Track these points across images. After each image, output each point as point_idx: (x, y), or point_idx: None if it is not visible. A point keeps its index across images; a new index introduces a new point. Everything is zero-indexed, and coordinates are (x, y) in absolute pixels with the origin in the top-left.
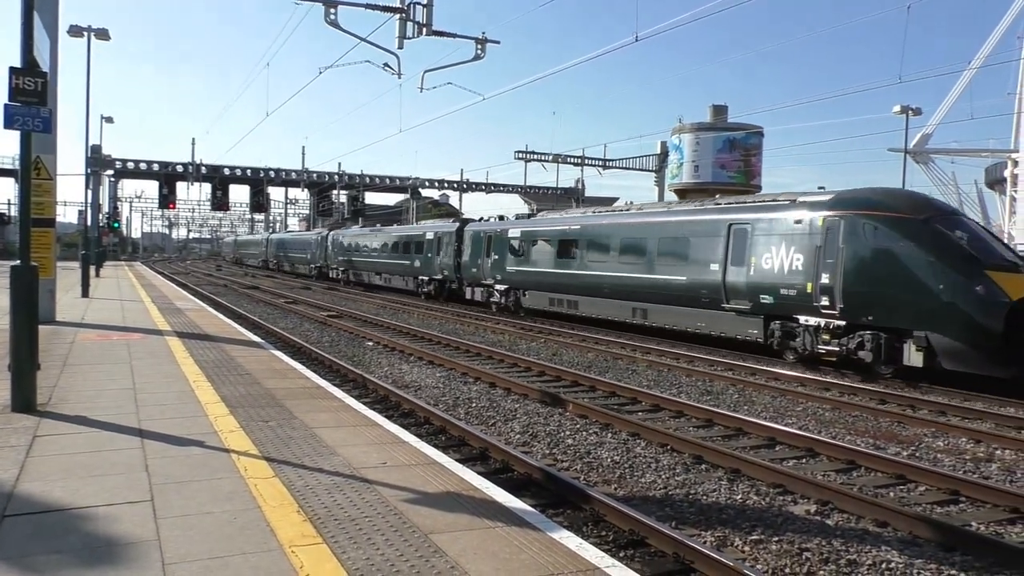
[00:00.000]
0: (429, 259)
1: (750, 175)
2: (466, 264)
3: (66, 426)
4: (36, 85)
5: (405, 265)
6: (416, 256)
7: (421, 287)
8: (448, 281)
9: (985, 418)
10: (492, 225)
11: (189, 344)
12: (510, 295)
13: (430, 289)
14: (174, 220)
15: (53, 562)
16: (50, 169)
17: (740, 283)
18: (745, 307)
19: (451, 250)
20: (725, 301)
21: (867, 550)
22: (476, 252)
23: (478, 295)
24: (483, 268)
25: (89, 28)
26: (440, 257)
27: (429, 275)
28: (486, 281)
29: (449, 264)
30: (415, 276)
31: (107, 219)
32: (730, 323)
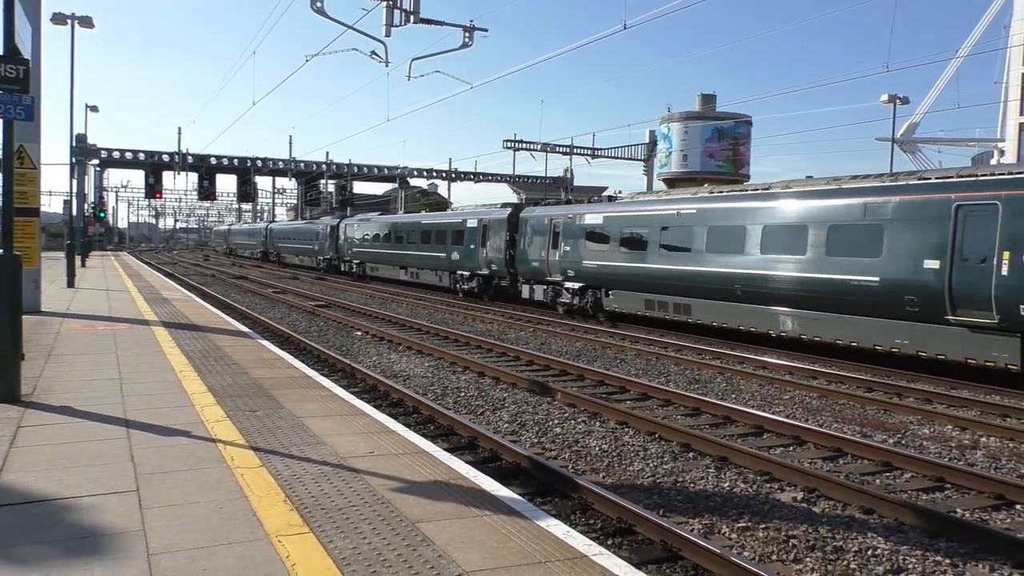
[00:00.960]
0: (471, 251)
1: (738, 164)
2: (523, 256)
3: (51, 417)
4: (18, 72)
5: (439, 258)
6: (454, 247)
7: (459, 283)
8: (496, 277)
9: (970, 406)
10: (561, 209)
11: (176, 334)
12: (586, 295)
13: (472, 286)
14: (161, 210)
15: (37, 553)
16: (34, 158)
17: (980, 286)
18: (989, 321)
19: (501, 240)
20: (950, 311)
21: (853, 537)
22: (538, 242)
23: (538, 293)
24: (548, 262)
25: (73, 16)
26: (486, 249)
27: (471, 269)
28: (553, 277)
29: (498, 257)
30: (452, 271)
31: (93, 209)
32: (958, 342)
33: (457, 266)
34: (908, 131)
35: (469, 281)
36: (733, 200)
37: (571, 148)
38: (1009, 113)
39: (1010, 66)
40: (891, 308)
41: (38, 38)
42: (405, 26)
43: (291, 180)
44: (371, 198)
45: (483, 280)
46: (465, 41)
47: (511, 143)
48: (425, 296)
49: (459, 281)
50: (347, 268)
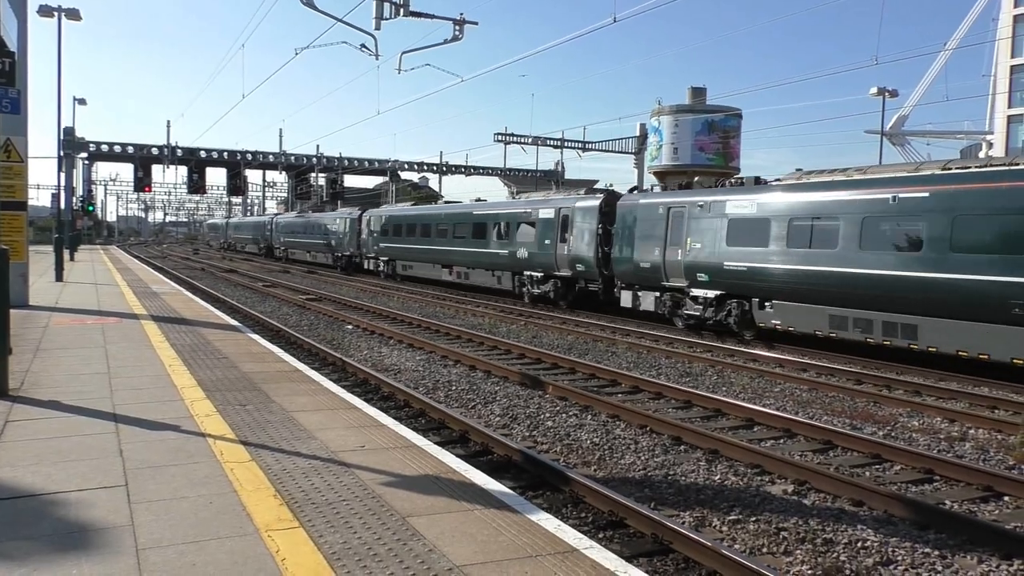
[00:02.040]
0: (546, 247)
1: (728, 157)
2: (623, 255)
3: (39, 411)
4: (3, 65)
5: (498, 256)
6: (521, 243)
7: (528, 286)
8: (582, 279)
9: (959, 398)
10: (685, 196)
11: (165, 328)
12: (725, 306)
13: (545, 290)
14: (150, 203)
15: (24, 548)
16: (21, 151)
17: None
18: None
19: (589, 234)
20: None
21: (843, 529)
22: (649, 237)
23: (647, 303)
24: (665, 263)
25: (59, 8)
26: (568, 244)
27: (545, 269)
28: (672, 282)
29: (586, 255)
30: (517, 271)
31: (81, 202)
32: None
33: (525, 265)
34: (897, 124)
35: (541, 284)
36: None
37: (562, 142)
38: (997, 106)
39: (998, 59)
40: None
41: (24, 31)
42: (395, 19)
43: (281, 173)
44: (361, 191)
45: (562, 283)
46: (455, 34)
47: (502, 136)
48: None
49: (527, 284)
50: (372, 266)
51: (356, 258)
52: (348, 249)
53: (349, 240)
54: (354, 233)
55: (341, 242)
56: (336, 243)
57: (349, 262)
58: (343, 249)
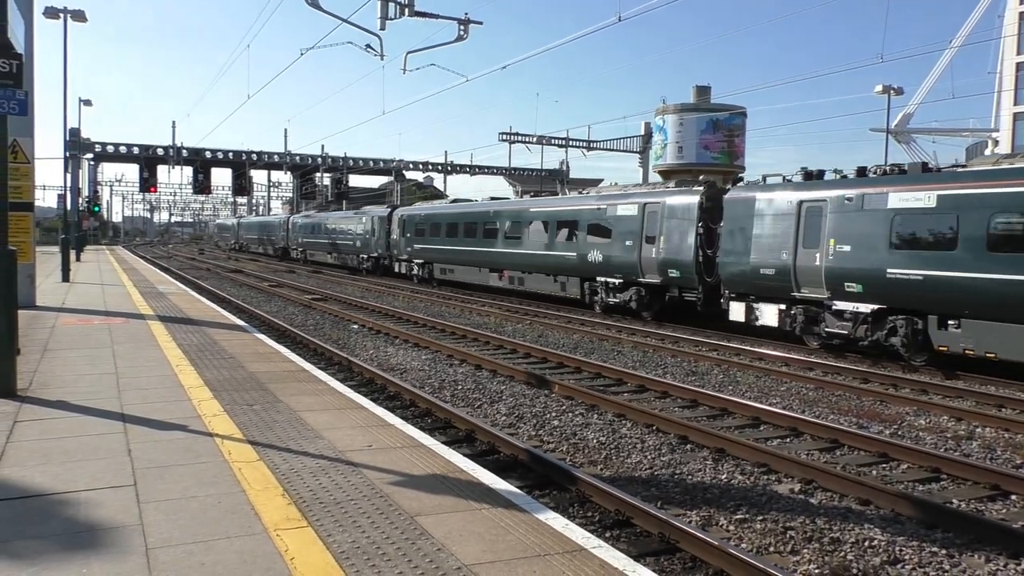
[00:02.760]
0: (626, 249)
1: (733, 155)
2: (734, 260)
3: (47, 411)
4: (11, 67)
5: (564, 259)
6: (592, 244)
7: (600, 294)
8: (675, 287)
9: (966, 396)
10: (821, 188)
11: (172, 328)
12: (886, 322)
13: (625, 298)
14: (155, 204)
15: (34, 548)
16: (28, 152)
17: None
18: None
19: (687, 233)
20: None
21: (850, 528)
22: (772, 236)
23: (768, 316)
24: (796, 268)
25: (65, 10)
26: (658, 247)
27: (625, 276)
28: (806, 292)
29: (683, 260)
30: (588, 276)
31: (87, 203)
32: None
33: (598, 270)
34: (902, 121)
35: (619, 292)
36: None
37: (567, 140)
38: (1003, 103)
39: (1004, 56)
40: None
41: (31, 32)
42: (400, 19)
43: (286, 173)
44: (367, 191)
45: (648, 292)
46: (460, 34)
47: (507, 136)
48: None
49: (601, 291)
50: (404, 270)
51: (385, 260)
52: (376, 251)
53: (377, 241)
54: (382, 233)
55: (368, 243)
56: (362, 244)
57: (377, 265)
58: (370, 251)
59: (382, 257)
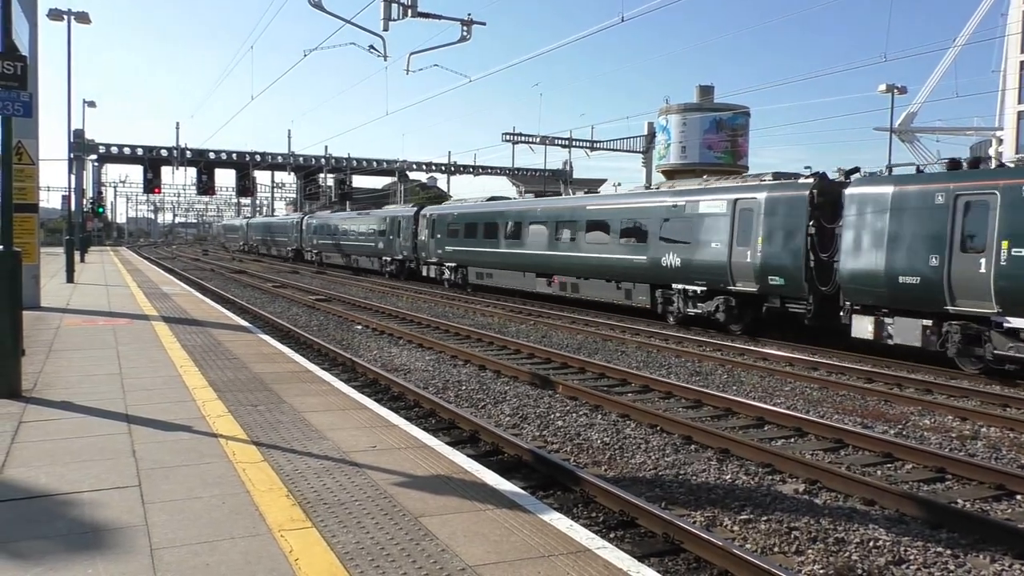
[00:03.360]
0: (712, 252)
1: (737, 155)
2: (862, 266)
3: (52, 412)
4: (16, 69)
5: (628, 263)
6: (665, 247)
7: (677, 303)
8: (775, 297)
9: (971, 396)
10: (984, 177)
11: (176, 329)
12: None
13: (708, 309)
14: (159, 205)
15: (39, 548)
16: (32, 154)
17: None
18: None
19: (791, 235)
20: None
21: (855, 528)
22: (913, 239)
23: (907, 333)
24: (952, 277)
25: (69, 12)
26: (754, 250)
27: (709, 282)
28: (965, 307)
29: (787, 265)
30: (659, 283)
31: (91, 204)
32: None
33: (674, 276)
34: (906, 120)
35: (701, 302)
36: None
37: (570, 141)
38: (1007, 102)
39: (1008, 54)
40: None
41: (35, 34)
42: (403, 20)
43: (290, 174)
44: (370, 192)
45: (739, 301)
46: (463, 34)
47: (510, 136)
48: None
49: (678, 300)
50: (434, 273)
51: (411, 263)
52: (401, 253)
53: (402, 242)
54: (408, 234)
55: (391, 245)
56: (385, 246)
57: (402, 268)
58: (394, 253)
59: (408, 260)
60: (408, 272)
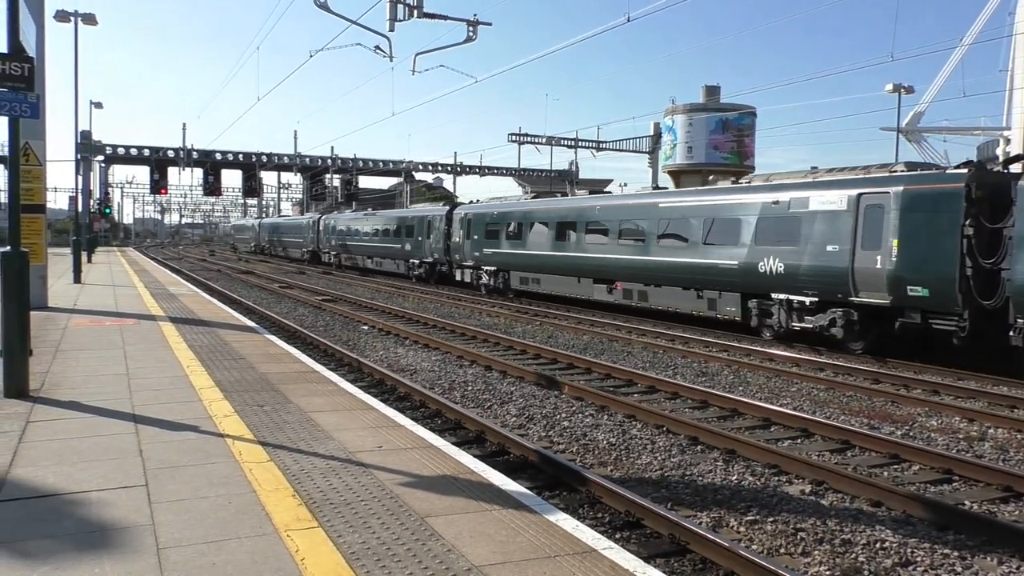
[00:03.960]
0: (827, 257)
1: (743, 156)
2: None
3: (59, 412)
4: (23, 70)
5: (713, 269)
6: (761, 250)
7: (776, 315)
8: (913, 311)
9: (978, 397)
10: None
11: (183, 329)
12: None
13: (819, 323)
14: (166, 205)
15: (46, 547)
16: (39, 155)
17: None
18: None
19: (938, 237)
20: None
21: (861, 530)
22: None
23: None
24: None
25: (76, 13)
26: (887, 255)
27: (822, 292)
28: None
29: (938, 273)
30: (753, 292)
31: (98, 205)
32: None
33: (776, 283)
34: (913, 120)
35: (809, 314)
36: None
37: (576, 141)
38: (1015, 101)
39: (1015, 54)
40: None
41: (42, 36)
42: (409, 20)
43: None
44: (376, 192)
45: (861, 315)
46: (469, 35)
47: (516, 137)
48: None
49: (778, 311)
50: (470, 277)
51: (443, 266)
52: (431, 255)
53: (433, 244)
54: (440, 235)
55: (420, 247)
56: (412, 248)
57: (431, 271)
58: (423, 255)
59: (439, 263)
60: (439, 276)
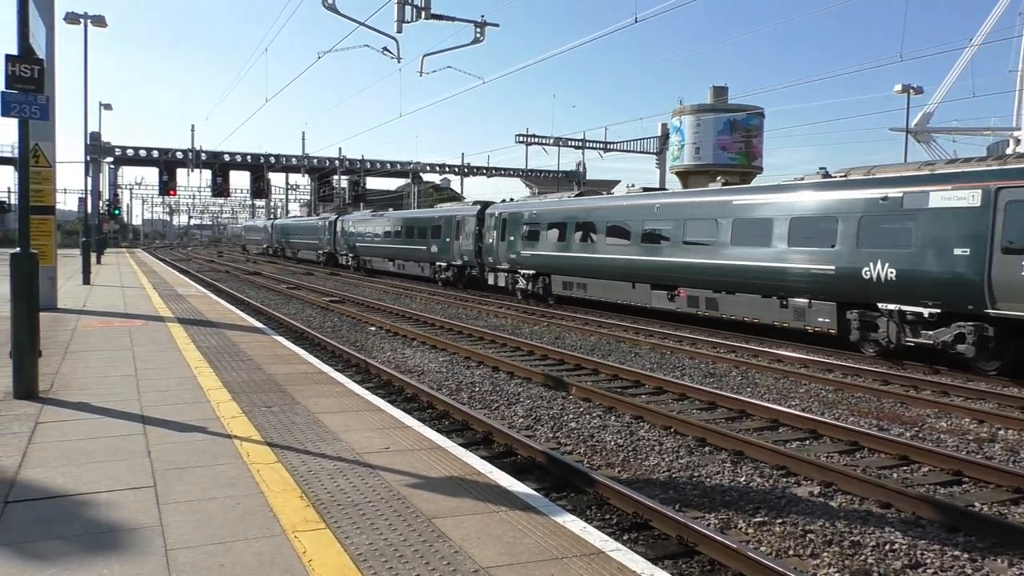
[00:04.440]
0: (956, 260)
1: (751, 156)
2: None
3: (68, 413)
4: (33, 72)
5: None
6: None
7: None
8: None
9: (988, 398)
10: None
11: (191, 330)
12: None
13: (941, 338)
14: (175, 207)
15: (55, 548)
16: (49, 156)
17: None
18: None
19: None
20: None
21: (871, 532)
22: None
23: None
24: None
25: (85, 15)
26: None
27: (947, 302)
28: None
29: None
30: (853, 302)
31: (107, 206)
32: None
33: (886, 292)
34: (922, 121)
35: (929, 328)
36: None
37: (583, 142)
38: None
39: None
40: None
41: (52, 38)
42: (416, 22)
43: (304, 176)
44: (383, 193)
45: (1000, 331)
46: (476, 36)
47: (523, 137)
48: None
49: (884, 325)
50: (505, 282)
51: (473, 269)
52: (460, 258)
53: (462, 246)
54: (470, 236)
55: (447, 249)
56: (439, 250)
57: (460, 275)
58: (451, 257)
59: (469, 266)
60: (468, 279)
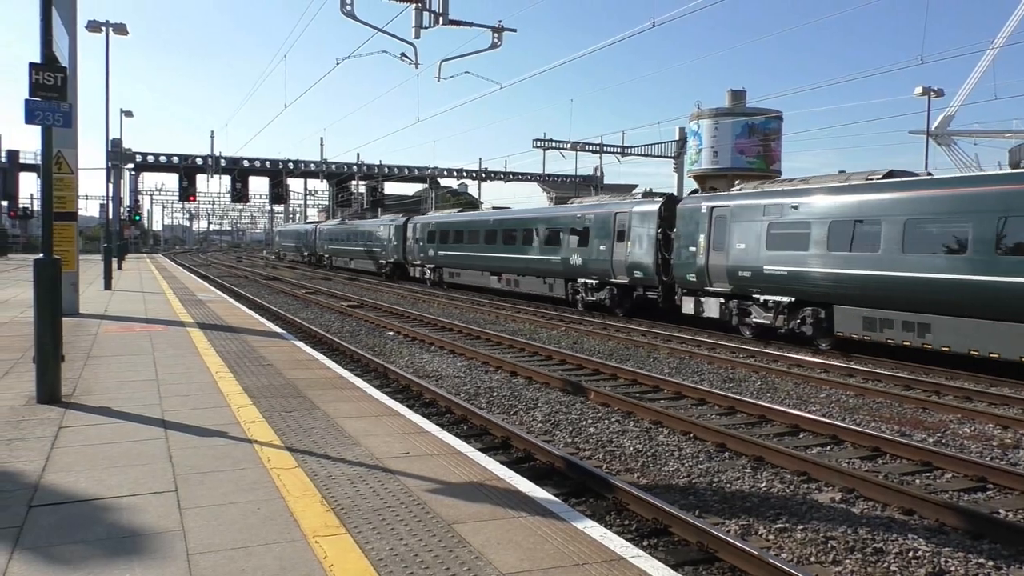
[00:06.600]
0: None
1: (770, 160)
2: None
3: (90, 417)
4: (56, 80)
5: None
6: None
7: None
8: None
9: (1012, 403)
10: None
11: (211, 335)
12: None
13: None
14: (194, 212)
15: (79, 552)
16: (71, 163)
17: None
18: None
19: None
20: None
21: (893, 538)
22: None
23: None
24: None
25: (107, 23)
26: None
27: None
28: None
29: None
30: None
31: (128, 212)
32: None
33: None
34: (943, 124)
35: None
36: None
37: (601, 146)
38: None
39: None
40: None
41: (74, 45)
42: (434, 28)
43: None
44: (401, 199)
45: None
46: (494, 41)
47: (541, 142)
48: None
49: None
50: (708, 311)
51: (650, 290)
52: (596, 266)
53: (594, 256)
54: (604, 243)
55: (569, 263)
56: (562, 264)
57: (623, 295)
58: (587, 273)
59: (610, 277)
60: (632, 303)
